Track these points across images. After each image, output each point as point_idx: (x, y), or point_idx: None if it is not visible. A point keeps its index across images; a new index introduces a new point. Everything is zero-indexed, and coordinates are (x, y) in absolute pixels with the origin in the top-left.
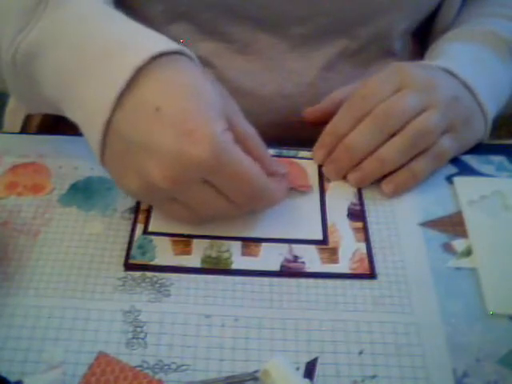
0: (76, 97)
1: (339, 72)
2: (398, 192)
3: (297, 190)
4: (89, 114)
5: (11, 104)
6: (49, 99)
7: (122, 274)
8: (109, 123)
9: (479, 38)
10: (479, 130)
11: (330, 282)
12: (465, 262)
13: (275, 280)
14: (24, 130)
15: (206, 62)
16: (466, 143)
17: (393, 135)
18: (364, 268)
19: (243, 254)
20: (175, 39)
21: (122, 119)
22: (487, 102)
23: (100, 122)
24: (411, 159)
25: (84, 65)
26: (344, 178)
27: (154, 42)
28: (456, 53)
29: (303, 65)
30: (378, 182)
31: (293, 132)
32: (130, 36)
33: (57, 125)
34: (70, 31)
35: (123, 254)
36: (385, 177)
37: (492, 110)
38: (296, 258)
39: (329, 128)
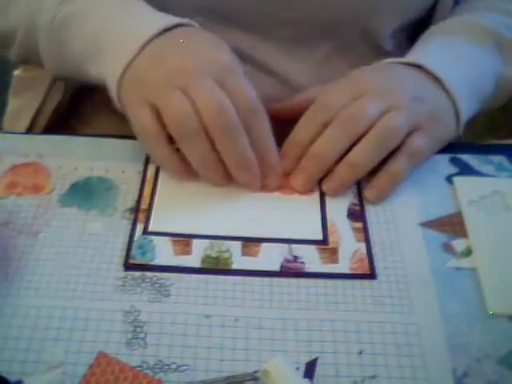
0: (101, 52)
1: (331, 71)
2: (381, 197)
3: (300, 194)
4: (112, 58)
5: (12, 107)
6: (75, 57)
7: (122, 273)
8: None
9: (463, 31)
10: (450, 126)
11: (330, 283)
12: (465, 262)
13: (275, 280)
14: (29, 131)
15: None
16: (439, 140)
17: (358, 140)
18: (364, 268)
19: (243, 254)
20: None
21: (141, 60)
22: (461, 97)
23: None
24: (385, 162)
25: (106, 35)
26: (311, 190)
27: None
28: (433, 47)
29: (295, 67)
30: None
31: (287, 134)
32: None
33: (59, 128)
34: (93, 12)
35: (123, 253)
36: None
37: (468, 105)
38: (296, 258)
39: (291, 138)
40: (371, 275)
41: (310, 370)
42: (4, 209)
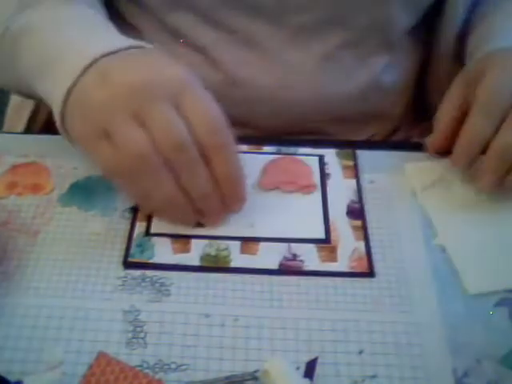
0: (46, 70)
1: (338, 63)
2: None
3: (301, 192)
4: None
5: (13, 104)
6: (25, 72)
7: (122, 273)
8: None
9: None
10: None
11: (330, 282)
12: None
13: (275, 279)
14: (28, 130)
15: (204, 52)
16: None
17: None
18: (363, 267)
19: (242, 252)
20: (175, 28)
21: (87, 81)
22: None
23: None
24: None
25: (46, 59)
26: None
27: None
28: None
29: (302, 56)
30: (378, 180)
31: (293, 123)
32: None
33: None
34: (41, 28)
35: (123, 253)
36: None
37: None
38: (295, 256)
39: (467, 136)
40: (370, 274)
41: (309, 369)
42: (4, 209)
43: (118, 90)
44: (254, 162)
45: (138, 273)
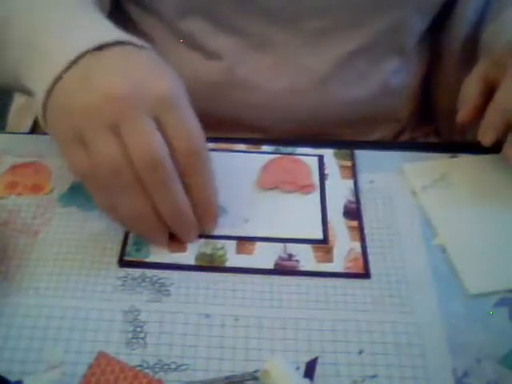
0: (32, 63)
1: (352, 67)
2: None
3: (300, 192)
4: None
5: (16, 104)
6: (10, 62)
7: (122, 273)
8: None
9: None
10: None
11: (330, 282)
12: None
13: (275, 279)
14: (33, 131)
15: (218, 57)
16: None
17: None
18: (358, 267)
19: (238, 251)
20: (188, 34)
21: (69, 80)
22: None
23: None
24: None
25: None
26: None
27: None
28: None
29: (316, 61)
30: (377, 180)
31: (303, 126)
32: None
33: None
34: (27, 16)
35: None
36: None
37: None
38: (290, 256)
39: (495, 106)
40: (365, 275)
41: (309, 369)
42: (4, 209)
43: (98, 98)
44: (253, 161)
45: (138, 273)
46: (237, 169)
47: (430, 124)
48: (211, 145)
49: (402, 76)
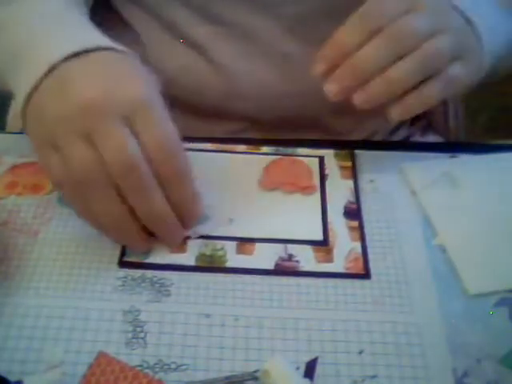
0: (15, 67)
1: None
2: (404, 116)
3: (301, 193)
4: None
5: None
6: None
7: (122, 273)
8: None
9: None
10: (478, 65)
11: (330, 282)
12: None
13: (275, 280)
14: None
15: (201, 47)
16: (472, 74)
17: (401, 57)
18: (358, 268)
19: (238, 252)
20: (171, 24)
21: (46, 87)
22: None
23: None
24: (420, 84)
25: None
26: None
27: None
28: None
29: (300, 47)
30: (377, 180)
31: (292, 115)
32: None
33: None
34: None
35: None
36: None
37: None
38: (290, 256)
39: (332, 40)
40: (365, 275)
41: (309, 369)
42: (4, 209)
43: (72, 107)
44: (254, 162)
45: (138, 273)
46: (237, 170)
47: (425, 119)
48: (210, 146)
49: None
